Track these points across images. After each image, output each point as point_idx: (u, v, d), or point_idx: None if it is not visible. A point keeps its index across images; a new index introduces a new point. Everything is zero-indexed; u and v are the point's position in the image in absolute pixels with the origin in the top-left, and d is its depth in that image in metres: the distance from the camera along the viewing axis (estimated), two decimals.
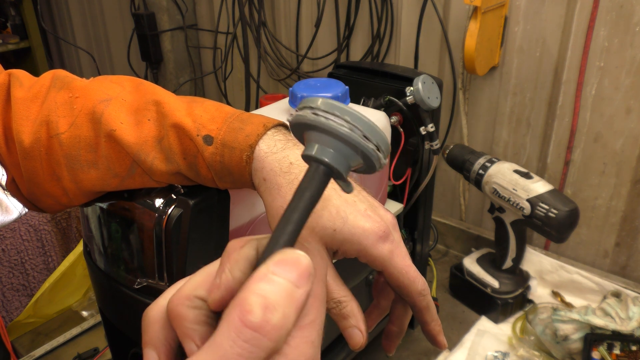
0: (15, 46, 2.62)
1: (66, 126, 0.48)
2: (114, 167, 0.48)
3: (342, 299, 0.39)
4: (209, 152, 0.45)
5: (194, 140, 0.45)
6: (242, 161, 0.44)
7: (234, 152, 0.44)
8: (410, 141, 0.82)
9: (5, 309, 1.07)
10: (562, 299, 1.01)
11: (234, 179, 0.46)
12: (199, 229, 0.49)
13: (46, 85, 0.51)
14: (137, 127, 0.47)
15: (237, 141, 0.44)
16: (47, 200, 0.52)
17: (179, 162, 0.46)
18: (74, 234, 1.17)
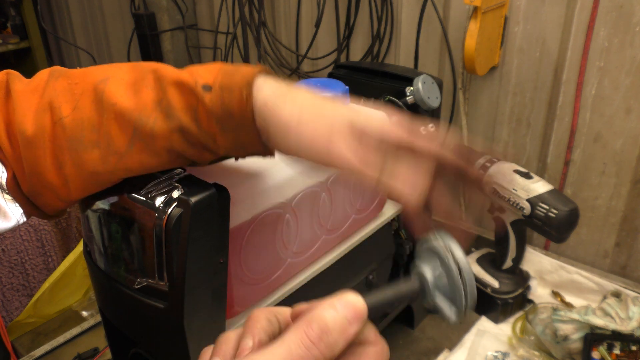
0: (15, 46, 2.62)
1: (69, 110, 0.49)
2: (113, 143, 0.48)
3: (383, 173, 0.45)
4: (209, 97, 0.46)
5: (194, 90, 0.47)
6: (243, 99, 0.46)
7: (233, 92, 0.46)
8: None
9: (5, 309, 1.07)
10: (562, 299, 1.01)
11: (236, 123, 0.47)
12: (199, 229, 0.49)
13: (44, 79, 0.51)
14: (136, 96, 0.48)
15: (235, 82, 0.46)
16: (46, 194, 0.51)
17: (180, 117, 0.47)
18: (74, 234, 1.17)
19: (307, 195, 0.64)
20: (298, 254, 0.66)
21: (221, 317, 0.56)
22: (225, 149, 0.49)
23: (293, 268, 0.67)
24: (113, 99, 0.48)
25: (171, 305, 0.51)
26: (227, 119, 0.47)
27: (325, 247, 0.71)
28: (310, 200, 0.65)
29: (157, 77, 0.48)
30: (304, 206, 0.64)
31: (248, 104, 0.46)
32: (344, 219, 0.72)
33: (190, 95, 0.47)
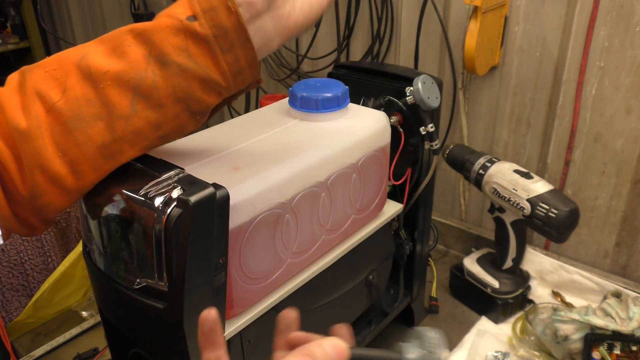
0: (15, 46, 2.62)
1: (59, 94, 0.49)
2: (116, 109, 0.48)
3: None
4: (198, 25, 0.47)
5: (180, 26, 0.48)
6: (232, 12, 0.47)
7: (218, 10, 0.47)
8: (410, 141, 0.82)
9: (5, 309, 1.07)
10: (562, 299, 1.01)
11: (231, 38, 0.48)
12: (199, 229, 0.49)
13: (17, 78, 0.51)
14: (123, 57, 0.49)
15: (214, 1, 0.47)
16: (51, 190, 0.50)
17: (177, 59, 0.48)
18: (74, 234, 1.17)
19: (307, 195, 0.64)
20: (298, 254, 0.66)
21: (221, 318, 0.56)
22: (225, 79, 0.50)
23: (293, 268, 0.67)
24: (103, 68, 0.48)
25: (171, 305, 0.51)
26: (222, 37, 0.48)
27: (325, 247, 0.71)
28: (310, 201, 0.65)
29: (136, 34, 0.49)
30: (303, 206, 0.64)
31: (236, 14, 0.47)
32: (343, 219, 0.72)
33: (179, 35, 0.48)
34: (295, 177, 0.61)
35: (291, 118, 0.71)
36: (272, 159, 0.60)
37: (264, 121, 0.71)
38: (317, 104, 0.68)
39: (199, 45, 0.48)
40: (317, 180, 0.64)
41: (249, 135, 0.66)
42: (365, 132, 0.70)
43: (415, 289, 0.95)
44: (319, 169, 0.64)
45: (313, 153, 0.63)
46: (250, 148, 0.63)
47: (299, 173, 0.62)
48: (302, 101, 0.69)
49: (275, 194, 0.59)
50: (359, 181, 0.72)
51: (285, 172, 0.60)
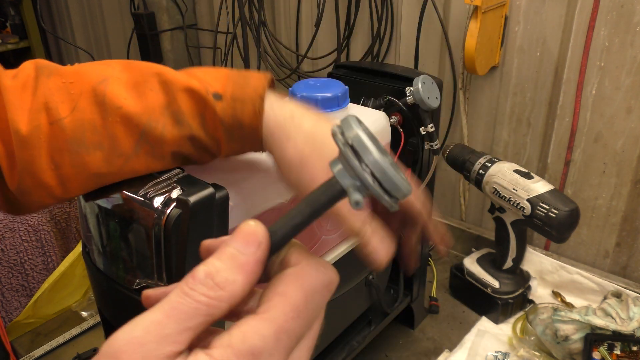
0: (14, 46, 2.62)
1: (68, 111, 0.48)
2: (119, 146, 0.48)
3: (363, 229, 0.41)
4: (220, 106, 0.47)
5: (205, 98, 0.47)
6: (255, 112, 0.47)
7: (245, 104, 0.47)
8: (410, 141, 0.82)
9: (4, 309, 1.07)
10: (563, 299, 1.01)
11: (244, 134, 0.48)
12: (198, 229, 0.49)
13: (32, 74, 0.50)
14: (142, 99, 0.48)
15: (247, 94, 0.47)
16: (38, 192, 0.50)
17: (190, 123, 0.48)
18: (74, 234, 1.17)
19: None
20: None
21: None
22: (226, 152, 0.50)
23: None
24: (117, 102, 0.48)
25: None
26: (237, 129, 0.48)
27: (324, 247, 0.71)
28: None
29: (162, 80, 0.48)
30: None
31: (259, 117, 0.47)
32: None
33: (201, 103, 0.47)
34: None
35: None
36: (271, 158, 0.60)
37: None
38: (317, 104, 0.68)
39: (214, 121, 0.48)
40: None
41: None
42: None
43: (415, 289, 0.95)
44: None
45: None
46: None
47: None
48: (302, 101, 0.69)
49: (274, 194, 0.59)
50: None
51: None
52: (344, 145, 0.29)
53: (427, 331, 0.97)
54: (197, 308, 0.26)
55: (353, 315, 0.84)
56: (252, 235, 0.28)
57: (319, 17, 1.37)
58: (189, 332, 0.25)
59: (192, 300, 0.26)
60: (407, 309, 0.95)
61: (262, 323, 0.26)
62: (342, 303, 0.78)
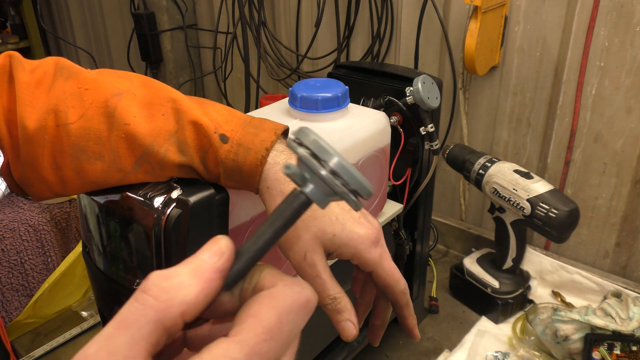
0: (14, 46, 2.62)
1: (76, 117, 0.48)
2: (119, 161, 0.49)
3: (336, 296, 0.44)
4: (224, 149, 0.47)
5: (211, 137, 0.47)
6: (257, 161, 0.47)
7: (249, 152, 0.47)
8: (410, 141, 0.82)
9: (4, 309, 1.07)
10: (563, 299, 1.01)
11: (242, 178, 0.48)
12: (199, 229, 0.49)
13: (50, 72, 0.51)
14: (151, 120, 0.48)
15: (254, 143, 0.47)
16: (39, 186, 0.52)
17: (193, 156, 0.48)
18: (74, 234, 1.17)
19: None
20: None
21: None
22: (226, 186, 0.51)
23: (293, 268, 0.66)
24: (126, 119, 0.48)
25: None
26: (236, 174, 0.48)
27: None
28: None
29: (175, 108, 0.49)
30: None
31: (260, 168, 0.47)
32: None
33: (206, 140, 0.48)
34: None
35: (291, 118, 0.71)
36: None
37: None
38: (317, 104, 0.68)
39: (216, 160, 0.48)
40: None
41: None
42: (365, 132, 0.70)
43: (415, 289, 0.95)
44: None
45: None
46: None
47: None
48: (302, 101, 0.69)
49: None
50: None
51: None
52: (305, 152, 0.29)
53: (427, 331, 0.97)
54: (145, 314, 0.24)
55: None
56: (215, 246, 0.27)
57: (319, 17, 1.37)
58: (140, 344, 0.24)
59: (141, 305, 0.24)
60: None
61: (232, 345, 0.25)
62: None
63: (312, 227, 0.45)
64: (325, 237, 0.45)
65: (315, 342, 0.78)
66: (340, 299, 0.44)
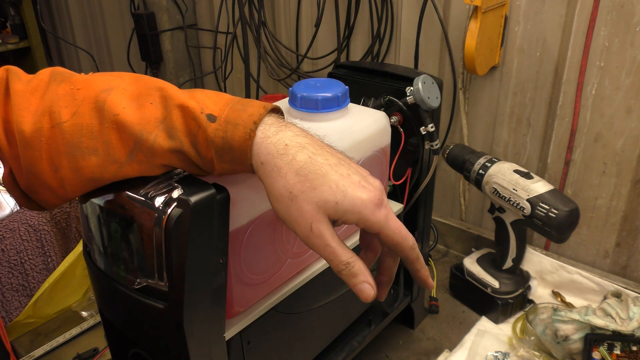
0: (14, 46, 2.62)
1: (68, 115, 0.49)
2: (114, 153, 0.49)
3: (349, 260, 0.46)
4: (212, 128, 0.47)
5: (198, 118, 0.47)
6: (246, 135, 0.47)
7: (237, 128, 0.47)
8: (410, 141, 0.82)
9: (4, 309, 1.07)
10: (563, 299, 1.01)
11: (234, 157, 0.48)
12: (199, 229, 0.49)
13: (45, 79, 0.51)
14: (140, 110, 0.49)
15: (241, 119, 0.47)
16: (44, 192, 0.52)
17: (182, 139, 0.48)
18: (74, 234, 1.17)
19: None
20: (298, 254, 0.66)
21: (221, 318, 0.56)
22: (218, 172, 0.50)
23: (293, 268, 0.67)
24: (115, 110, 0.48)
25: (171, 305, 0.51)
26: (227, 152, 0.48)
27: None
28: None
29: (163, 95, 0.49)
30: None
31: (250, 142, 0.47)
32: None
33: (194, 123, 0.48)
34: None
35: (291, 118, 0.71)
36: None
37: None
38: (317, 103, 0.68)
39: (205, 141, 0.48)
40: None
41: None
42: (365, 132, 0.70)
43: (415, 289, 0.95)
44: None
45: None
46: None
47: None
48: (302, 101, 0.69)
49: None
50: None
51: None
52: None
53: (427, 331, 0.97)
54: None
55: (353, 316, 0.84)
56: None
57: (319, 17, 1.37)
58: None
59: None
60: (407, 309, 0.95)
61: None
62: (342, 303, 0.78)
63: (313, 198, 0.45)
64: (327, 206, 0.46)
65: (315, 342, 0.78)
66: (353, 263, 0.46)
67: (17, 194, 0.54)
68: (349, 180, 0.46)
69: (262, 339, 0.65)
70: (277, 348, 0.69)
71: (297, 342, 0.73)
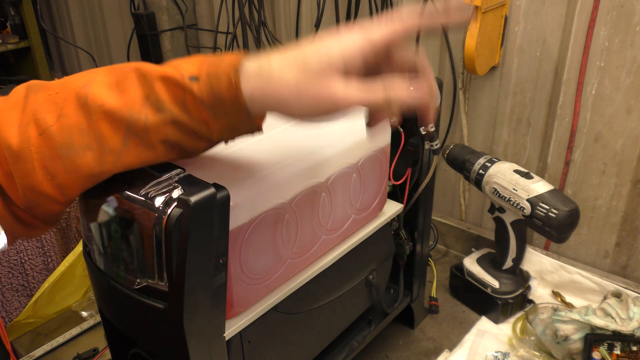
0: (14, 46, 2.62)
1: (54, 119, 0.49)
2: (107, 143, 0.49)
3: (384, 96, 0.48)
4: (197, 87, 0.48)
5: (180, 82, 0.48)
6: (232, 83, 0.47)
7: (220, 79, 0.47)
8: (410, 141, 0.82)
9: (4, 309, 1.07)
10: (563, 299, 1.01)
11: (228, 110, 0.48)
12: (199, 229, 0.49)
13: (22, 94, 0.51)
14: (123, 94, 0.49)
15: (221, 69, 0.48)
16: (45, 202, 0.51)
17: (171, 109, 0.48)
18: (74, 234, 1.17)
19: (307, 195, 0.64)
20: (298, 254, 0.66)
21: (221, 318, 0.56)
22: (218, 133, 0.50)
23: (293, 268, 0.67)
24: (99, 101, 0.48)
25: (171, 305, 0.51)
26: (218, 105, 0.48)
27: (325, 247, 0.71)
28: (310, 200, 0.65)
29: (140, 74, 0.49)
30: (303, 206, 0.64)
31: (237, 87, 0.47)
32: (343, 219, 0.72)
33: (177, 88, 0.48)
34: (295, 177, 0.61)
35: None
36: (272, 159, 0.60)
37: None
38: None
39: (195, 102, 0.48)
40: (317, 180, 0.64)
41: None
42: (364, 131, 0.70)
43: (415, 289, 0.95)
44: (318, 169, 0.64)
45: (313, 153, 0.63)
46: (250, 148, 0.63)
47: (299, 173, 0.62)
48: None
49: (275, 194, 0.59)
50: (359, 181, 0.72)
51: (285, 172, 0.60)
52: None
53: (427, 331, 0.97)
54: None
55: (353, 315, 0.84)
56: None
57: (319, 17, 1.37)
58: None
59: None
60: (407, 309, 0.95)
61: None
62: (342, 303, 0.78)
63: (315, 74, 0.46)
64: (330, 65, 0.47)
65: (315, 342, 0.78)
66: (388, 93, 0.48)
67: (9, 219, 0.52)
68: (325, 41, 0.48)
69: (262, 338, 0.65)
70: (277, 348, 0.69)
71: (297, 342, 0.73)
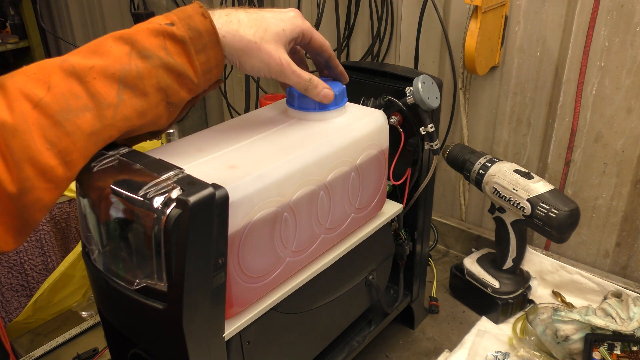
0: (14, 46, 2.62)
1: (44, 91, 0.50)
2: (104, 99, 0.52)
3: (311, 77, 0.64)
4: (176, 29, 0.55)
5: (160, 29, 0.54)
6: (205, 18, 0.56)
7: (193, 17, 0.56)
8: (410, 141, 0.82)
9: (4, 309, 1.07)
10: (563, 299, 1.01)
11: (205, 40, 0.56)
12: (198, 229, 0.49)
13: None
14: (107, 55, 0.53)
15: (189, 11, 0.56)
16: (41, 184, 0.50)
17: (158, 54, 0.54)
18: (73, 234, 1.17)
19: (306, 194, 0.63)
20: (297, 253, 0.66)
21: (220, 318, 0.56)
22: (197, 74, 0.56)
23: (292, 267, 0.66)
24: (87, 65, 0.52)
25: (170, 305, 0.51)
26: (197, 40, 0.55)
27: (324, 246, 0.71)
28: (309, 199, 0.64)
29: (116, 37, 0.54)
30: (302, 205, 0.64)
31: (210, 20, 0.56)
32: (343, 218, 0.72)
33: (158, 36, 0.54)
34: (294, 175, 0.61)
35: (289, 117, 0.71)
36: (270, 157, 0.60)
37: (262, 121, 0.71)
38: (314, 103, 0.68)
39: (176, 45, 0.54)
40: (315, 179, 0.64)
41: (247, 134, 0.66)
42: (363, 130, 0.70)
43: (415, 289, 0.95)
44: (317, 167, 0.64)
45: (311, 152, 0.63)
46: (248, 147, 0.63)
47: (298, 172, 0.62)
48: (300, 100, 0.69)
49: (274, 193, 0.59)
50: (357, 180, 0.71)
51: (284, 171, 0.60)
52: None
53: (427, 331, 0.97)
54: None
55: (353, 315, 0.84)
56: None
57: (319, 17, 1.37)
58: None
59: None
60: (407, 309, 0.95)
61: None
62: (342, 303, 0.78)
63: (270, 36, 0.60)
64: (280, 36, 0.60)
65: (315, 342, 0.78)
66: (312, 77, 0.64)
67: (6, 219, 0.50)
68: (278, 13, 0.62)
69: (261, 339, 0.65)
70: (277, 348, 0.69)
71: (296, 342, 0.73)
